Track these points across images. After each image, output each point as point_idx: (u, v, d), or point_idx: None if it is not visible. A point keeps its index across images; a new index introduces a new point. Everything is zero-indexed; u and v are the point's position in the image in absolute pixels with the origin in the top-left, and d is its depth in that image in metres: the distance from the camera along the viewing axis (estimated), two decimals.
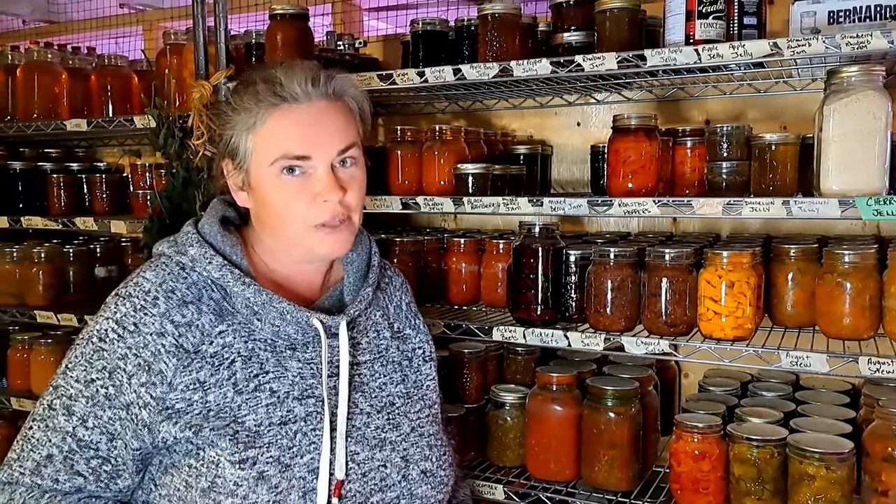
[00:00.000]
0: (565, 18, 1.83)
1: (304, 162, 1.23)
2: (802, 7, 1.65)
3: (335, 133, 1.26)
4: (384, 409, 1.33)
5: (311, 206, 1.24)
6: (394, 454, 1.29)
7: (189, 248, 1.26)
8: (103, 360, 1.19)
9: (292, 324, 1.25)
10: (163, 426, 1.18)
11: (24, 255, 2.68)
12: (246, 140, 1.26)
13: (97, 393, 1.18)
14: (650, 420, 1.87)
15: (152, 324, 1.20)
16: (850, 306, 1.58)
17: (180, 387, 1.18)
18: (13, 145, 3.00)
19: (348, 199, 1.26)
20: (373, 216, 2.60)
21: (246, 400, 1.20)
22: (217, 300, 1.25)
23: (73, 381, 1.20)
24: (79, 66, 2.73)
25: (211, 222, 1.31)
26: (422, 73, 1.90)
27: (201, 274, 1.25)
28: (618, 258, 1.74)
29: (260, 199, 1.28)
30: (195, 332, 1.21)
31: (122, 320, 1.20)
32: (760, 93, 2.09)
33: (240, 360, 1.22)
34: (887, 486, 1.50)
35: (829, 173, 1.52)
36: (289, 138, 1.23)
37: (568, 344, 1.77)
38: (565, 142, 2.39)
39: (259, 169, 1.26)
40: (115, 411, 1.18)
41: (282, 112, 1.24)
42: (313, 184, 1.24)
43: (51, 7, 3.70)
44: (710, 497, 1.66)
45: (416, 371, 1.44)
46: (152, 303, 1.21)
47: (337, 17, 2.88)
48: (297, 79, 1.24)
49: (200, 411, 1.18)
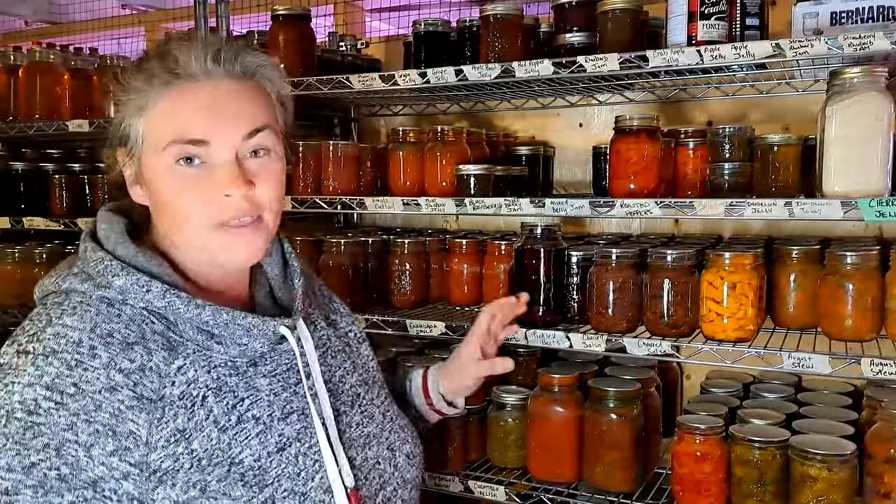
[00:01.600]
0: (567, 19, 1.83)
1: (201, 149, 1.04)
2: (805, 8, 1.65)
3: (241, 115, 1.06)
4: (354, 403, 1.23)
5: (211, 203, 1.05)
6: (380, 448, 1.23)
7: (113, 279, 1.03)
8: (43, 438, 0.93)
9: (259, 338, 1.09)
10: (158, 493, 0.98)
11: (25, 256, 2.68)
12: (136, 124, 1.07)
13: (46, 478, 0.93)
14: (652, 421, 1.86)
15: (97, 380, 0.96)
16: (853, 308, 1.57)
17: (160, 443, 0.99)
18: (15, 146, 3.00)
19: (258, 195, 1.07)
20: (373, 217, 2.61)
21: (234, 436, 1.04)
22: (161, 332, 1.04)
23: (4, 471, 0.93)
24: (81, 66, 2.73)
25: (122, 241, 1.08)
26: (424, 73, 1.90)
27: (135, 307, 1.04)
28: (620, 259, 1.74)
29: (155, 197, 1.09)
30: (151, 375, 1.00)
31: (54, 384, 0.95)
32: (762, 94, 2.09)
33: (211, 394, 1.04)
34: (889, 488, 1.50)
35: (832, 175, 1.52)
36: (183, 120, 1.04)
37: (569, 345, 1.77)
38: (567, 143, 2.39)
39: (151, 158, 1.07)
40: (76, 493, 0.94)
41: (177, 92, 1.05)
42: (214, 176, 1.05)
43: (53, 8, 3.71)
44: (711, 499, 1.66)
45: (358, 354, 1.33)
46: (90, 354, 0.97)
47: (339, 18, 2.88)
48: (196, 54, 1.05)
49: (191, 464, 1.00)
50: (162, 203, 1.08)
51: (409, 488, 1.27)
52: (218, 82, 1.07)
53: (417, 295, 2.12)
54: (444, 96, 2.36)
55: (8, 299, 2.69)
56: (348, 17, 2.90)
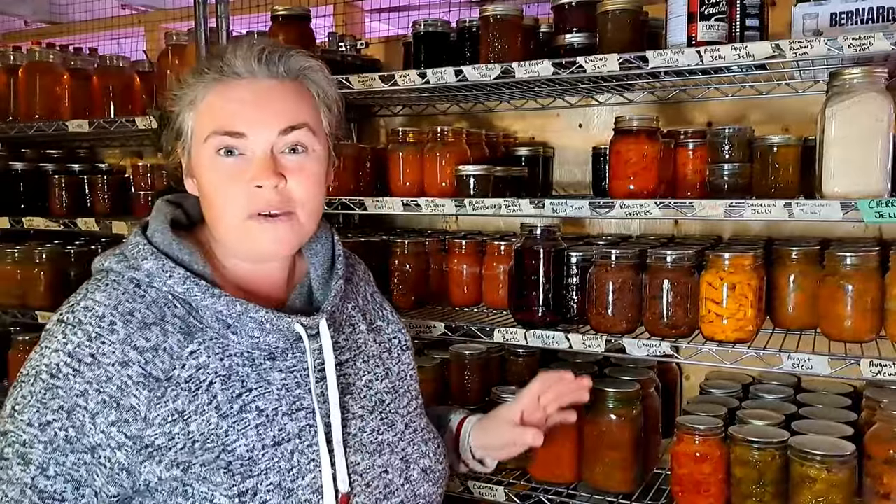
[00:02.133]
0: (567, 20, 1.83)
1: (238, 140, 1.10)
2: (804, 9, 1.65)
3: (279, 112, 1.11)
4: (375, 409, 1.23)
5: (244, 193, 1.10)
6: (393, 457, 1.21)
7: (143, 262, 1.10)
8: (59, 399, 1.02)
9: (272, 332, 1.12)
10: (144, 467, 1.04)
11: (25, 256, 2.68)
12: (187, 118, 1.15)
13: (56, 436, 1.01)
14: (651, 422, 1.87)
15: (112, 353, 1.04)
16: (852, 309, 1.57)
17: (157, 421, 1.04)
18: (15, 146, 3.00)
19: (289, 189, 1.11)
20: (374, 217, 2.61)
21: (233, 424, 1.07)
22: (182, 317, 1.10)
23: (25, 425, 1.02)
24: (80, 66, 2.73)
25: (162, 229, 1.15)
26: (423, 74, 1.90)
27: (160, 290, 1.10)
28: (619, 260, 1.74)
29: (200, 187, 1.15)
30: (163, 356, 1.06)
31: (75, 352, 1.04)
32: (762, 95, 2.09)
33: (218, 381, 1.08)
34: (889, 489, 1.50)
35: (831, 175, 1.52)
36: (224, 113, 1.11)
37: (569, 346, 1.77)
38: (567, 143, 2.39)
39: (197, 150, 1.14)
40: (78, 455, 1.02)
41: (222, 87, 1.12)
42: (249, 167, 1.10)
43: (52, 8, 3.71)
44: (711, 499, 1.66)
45: (398, 362, 1.33)
46: (109, 329, 1.05)
47: (339, 19, 2.88)
48: (242, 54, 1.12)
49: (184, 445, 1.04)
50: (205, 193, 1.14)
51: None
52: (261, 81, 1.12)
53: (417, 295, 2.12)
54: (443, 97, 2.36)
55: (8, 299, 2.69)
56: (348, 18, 2.90)
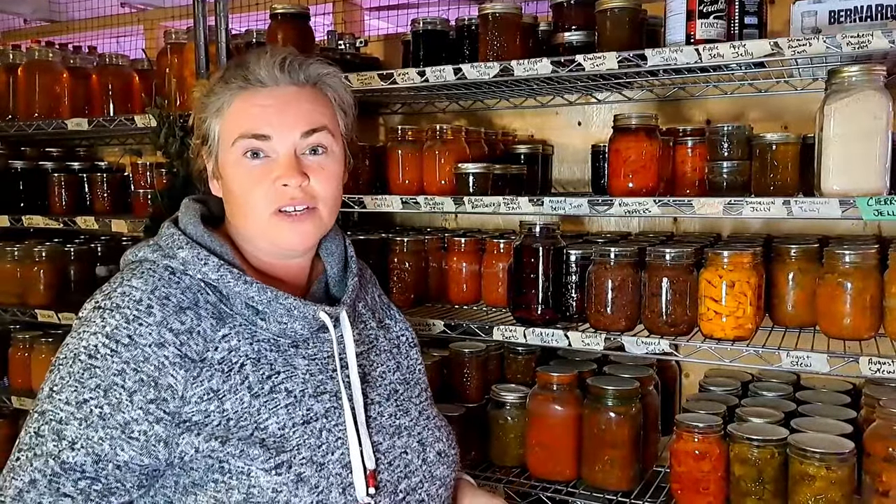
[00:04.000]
0: (566, 18, 1.83)
1: (264, 143, 1.19)
2: (803, 7, 1.65)
3: (300, 116, 1.20)
4: (391, 396, 1.31)
5: (270, 191, 1.19)
6: (410, 439, 1.28)
7: (178, 251, 1.19)
8: (96, 378, 1.09)
9: (299, 319, 1.21)
10: (183, 438, 1.11)
11: (25, 254, 2.68)
12: (214, 124, 1.23)
13: (91, 413, 1.09)
14: (651, 420, 1.87)
15: (149, 335, 1.11)
16: (851, 306, 1.58)
17: (194, 399, 1.12)
18: (14, 144, 3.00)
19: (312, 187, 1.21)
20: (373, 215, 2.60)
21: (264, 403, 1.15)
22: (214, 303, 1.18)
23: (63, 403, 1.09)
24: (80, 65, 2.73)
25: (194, 222, 1.24)
26: (422, 72, 1.90)
27: (194, 277, 1.18)
28: (618, 258, 1.74)
29: (227, 187, 1.24)
30: (197, 338, 1.14)
31: (113, 334, 1.10)
32: (761, 92, 2.09)
33: (249, 363, 1.17)
34: (888, 487, 1.50)
35: (830, 173, 1.52)
36: (250, 118, 1.19)
37: (568, 343, 1.77)
38: (566, 141, 2.39)
39: (224, 154, 1.22)
40: (106, 431, 1.08)
41: (247, 95, 1.21)
42: (274, 168, 1.19)
43: (52, 6, 3.70)
44: (710, 497, 1.66)
45: (406, 357, 1.42)
46: (146, 312, 1.12)
47: (338, 17, 2.88)
48: (266, 63, 1.20)
49: (220, 422, 1.12)
50: (231, 193, 1.23)
51: (439, 485, 1.30)
52: (283, 88, 1.21)
53: (416, 293, 2.12)
54: (442, 95, 2.36)
55: (8, 298, 2.69)
56: (347, 16, 2.90)
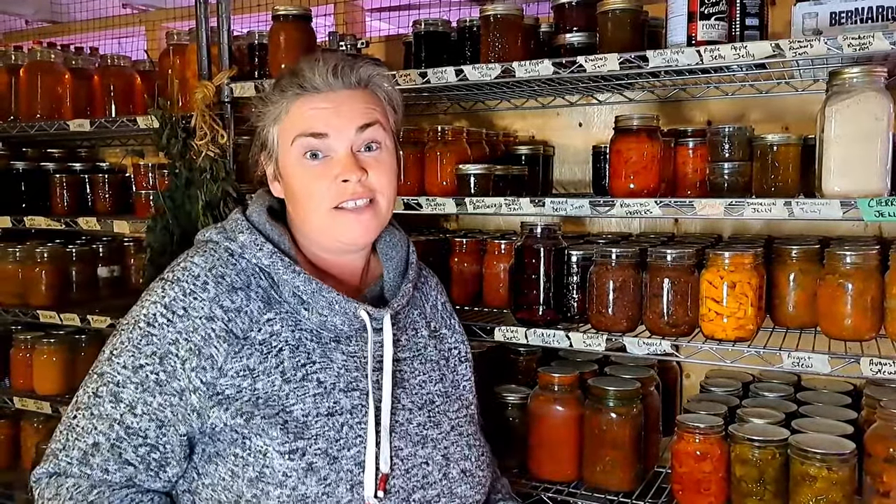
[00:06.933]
0: (567, 19, 1.83)
1: (321, 141, 1.25)
2: (804, 8, 1.65)
3: (354, 113, 1.27)
4: (425, 406, 1.32)
5: (331, 188, 1.25)
6: (435, 452, 1.29)
7: (239, 235, 1.27)
8: (153, 346, 1.18)
9: (340, 314, 1.25)
10: (213, 412, 1.18)
11: (26, 255, 2.69)
12: (273, 131, 1.30)
13: (147, 378, 1.17)
14: (652, 420, 1.87)
15: (202, 308, 1.20)
16: (852, 307, 1.58)
17: (230, 372, 1.18)
18: (16, 145, 3.00)
19: (370, 181, 1.27)
20: None
21: (294, 389, 1.20)
22: (265, 288, 1.25)
23: (121, 367, 1.18)
24: (82, 66, 2.74)
25: (259, 211, 1.33)
26: (424, 73, 1.90)
27: (250, 261, 1.26)
28: (620, 259, 1.74)
29: (288, 187, 1.30)
30: (244, 318, 1.21)
31: (171, 304, 1.20)
32: (762, 94, 2.09)
33: (287, 349, 1.22)
34: (889, 487, 1.50)
35: (831, 174, 1.52)
36: (307, 120, 1.26)
37: (570, 344, 1.77)
38: (567, 142, 2.39)
39: (285, 156, 1.29)
40: (165, 397, 1.17)
41: (303, 101, 1.27)
42: (334, 166, 1.25)
43: (54, 7, 3.71)
44: (711, 498, 1.66)
45: (453, 371, 1.43)
46: (202, 287, 1.21)
47: (339, 18, 2.88)
48: (319, 70, 1.27)
49: (249, 398, 1.18)
50: (293, 192, 1.29)
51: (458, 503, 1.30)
52: (337, 91, 1.28)
53: None
54: (444, 96, 2.36)
55: (9, 298, 2.70)
56: (348, 17, 2.90)
